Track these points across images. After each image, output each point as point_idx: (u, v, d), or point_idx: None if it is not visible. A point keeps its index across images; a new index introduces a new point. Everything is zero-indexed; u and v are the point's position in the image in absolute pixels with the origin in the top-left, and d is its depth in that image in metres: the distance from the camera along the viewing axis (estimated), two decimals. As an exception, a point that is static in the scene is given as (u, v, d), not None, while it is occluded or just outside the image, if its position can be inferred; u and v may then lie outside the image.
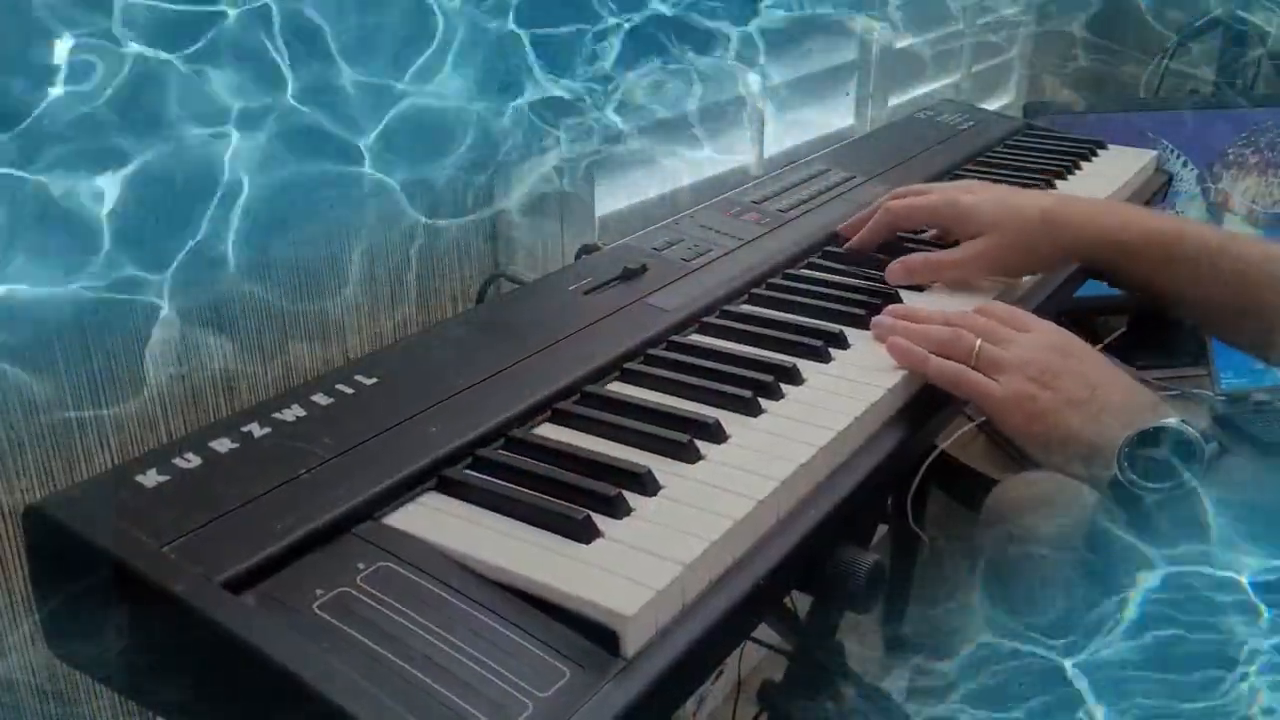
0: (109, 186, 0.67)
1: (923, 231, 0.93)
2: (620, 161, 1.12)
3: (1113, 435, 0.66)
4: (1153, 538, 0.63)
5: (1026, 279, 0.88)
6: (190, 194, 0.72)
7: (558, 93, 0.94)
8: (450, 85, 0.87)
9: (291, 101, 0.75)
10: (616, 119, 1.02)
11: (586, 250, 0.89)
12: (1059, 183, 1.11)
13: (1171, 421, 0.65)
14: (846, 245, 0.91)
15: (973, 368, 0.71)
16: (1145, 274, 0.84)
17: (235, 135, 0.72)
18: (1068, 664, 0.59)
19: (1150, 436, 0.65)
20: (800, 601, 1.13)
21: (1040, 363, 0.70)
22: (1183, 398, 1.42)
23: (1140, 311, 1.58)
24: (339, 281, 0.87)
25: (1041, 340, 0.72)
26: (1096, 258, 0.85)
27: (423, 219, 0.93)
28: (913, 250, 0.88)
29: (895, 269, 0.85)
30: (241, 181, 0.74)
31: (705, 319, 0.77)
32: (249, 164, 0.74)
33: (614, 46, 0.97)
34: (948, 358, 0.72)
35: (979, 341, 0.72)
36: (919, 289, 0.86)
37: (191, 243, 0.73)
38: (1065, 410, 0.68)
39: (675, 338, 0.74)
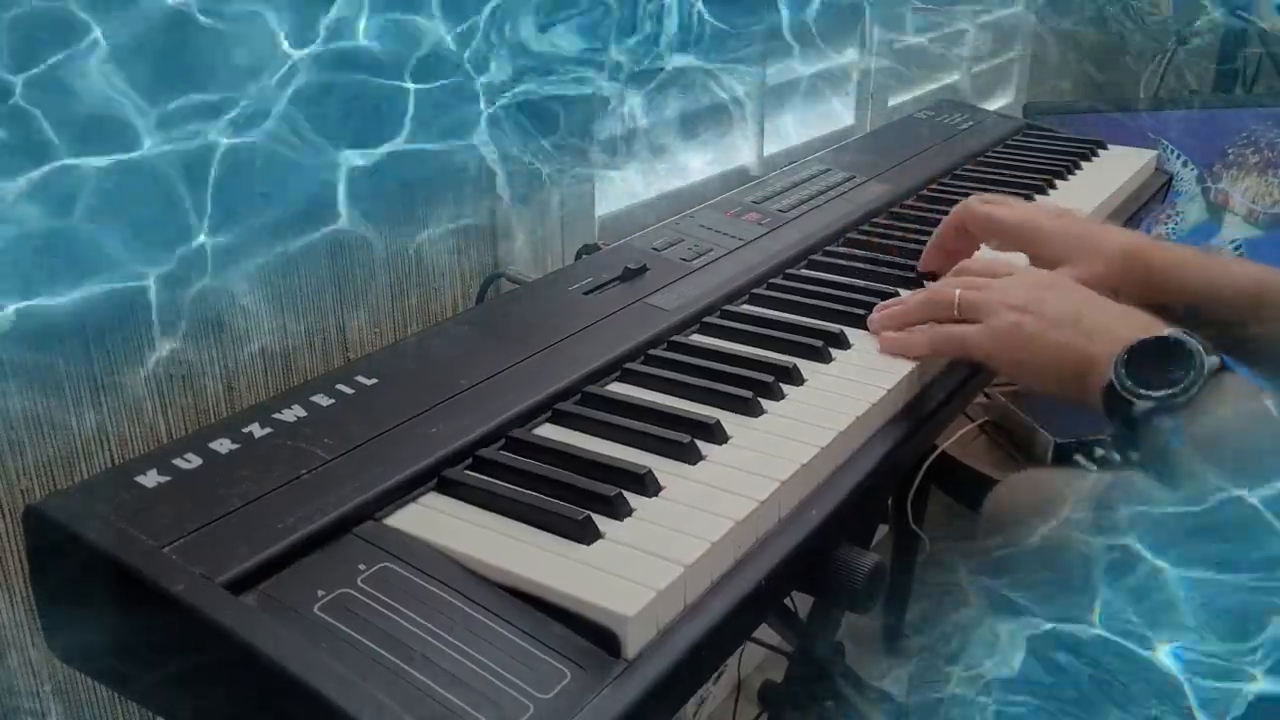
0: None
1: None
2: (620, 162, 1.12)
3: (1105, 349, 0.65)
4: (1146, 457, 0.61)
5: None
6: (185, 191, 0.72)
7: (558, 91, 0.94)
8: (450, 84, 0.87)
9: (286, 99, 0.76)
10: (617, 119, 1.02)
11: (586, 250, 0.89)
12: (1059, 182, 1.11)
13: (1172, 331, 0.63)
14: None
15: (958, 319, 0.71)
16: (1230, 324, 0.79)
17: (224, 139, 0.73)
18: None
19: (1149, 346, 0.63)
20: (800, 601, 1.13)
21: (1023, 294, 0.70)
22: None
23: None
24: (339, 281, 0.87)
25: (1022, 278, 0.72)
26: (1178, 304, 0.80)
27: (423, 218, 0.93)
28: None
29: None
30: (236, 181, 0.74)
31: (705, 319, 0.77)
32: (243, 163, 0.74)
33: (613, 46, 0.97)
34: (932, 315, 0.72)
35: (957, 291, 0.71)
36: (921, 287, 0.85)
37: (189, 243, 0.73)
38: (1053, 331, 0.68)
39: (675, 338, 0.74)
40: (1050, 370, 0.68)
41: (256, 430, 0.58)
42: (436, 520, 0.54)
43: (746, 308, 0.81)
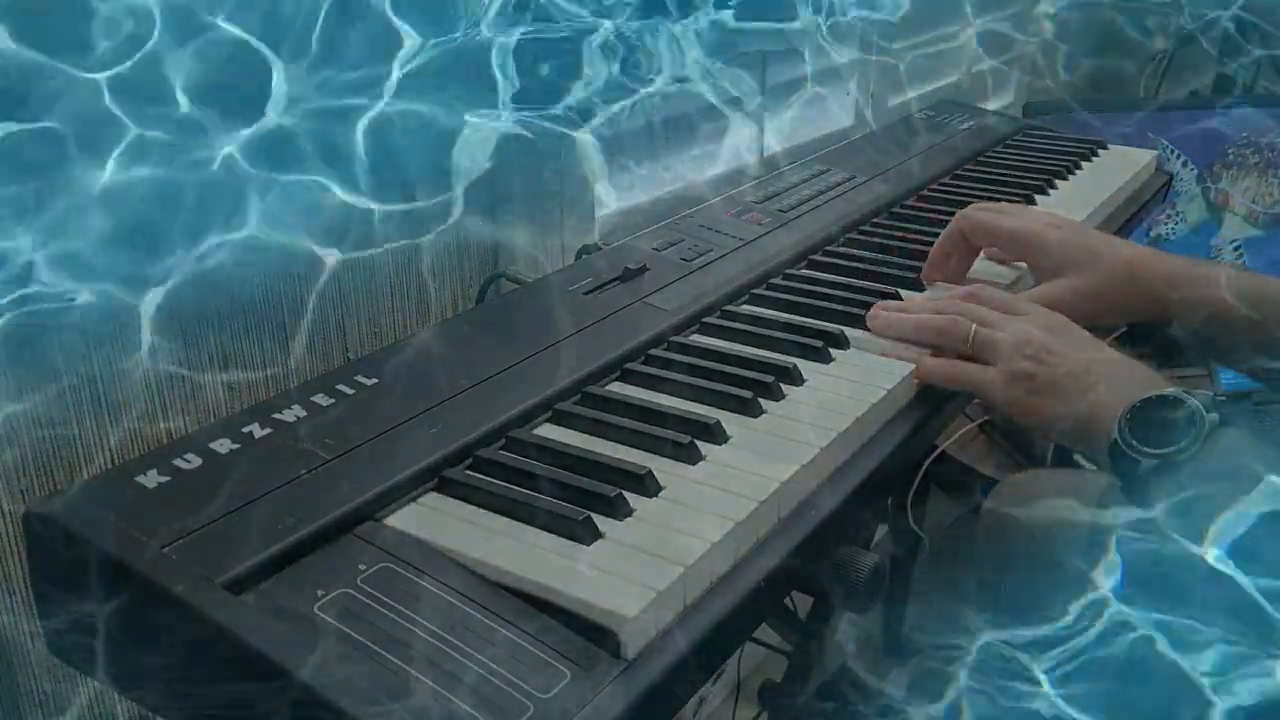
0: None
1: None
2: (621, 161, 1.12)
3: (1112, 405, 0.66)
4: (1148, 507, 0.63)
5: (1025, 278, 0.88)
6: (185, 194, 0.72)
7: (557, 91, 0.94)
8: (450, 83, 0.86)
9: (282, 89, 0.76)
10: (617, 119, 1.02)
11: (586, 250, 0.89)
12: (1059, 182, 1.11)
13: (1173, 390, 0.65)
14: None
15: (969, 352, 0.72)
16: (1232, 335, 0.81)
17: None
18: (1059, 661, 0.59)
19: (1152, 404, 0.65)
20: (800, 601, 1.13)
21: (1036, 341, 0.71)
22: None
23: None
24: (339, 281, 0.87)
25: (1036, 321, 0.73)
26: (1183, 317, 0.82)
27: (423, 218, 0.93)
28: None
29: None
30: (238, 183, 0.74)
31: (705, 319, 0.77)
32: (245, 167, 0.74)
33: (615, 46, 0.97)
34: (944, 344, 0.73)
35: (974, 326, 0.72)
36: (920, 288, 0.85)
37: (190, 242, 0.73)
38: (1064, 383, 0.69)
39: (675, 338, 0.74)
40: (1057, 421, 0.70)
41: (256, 430, 0.58)
42: (436, 520, 0.54)
43: (746, 308, 0.81)
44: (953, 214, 0.87)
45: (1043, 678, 0.59)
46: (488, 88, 0.89)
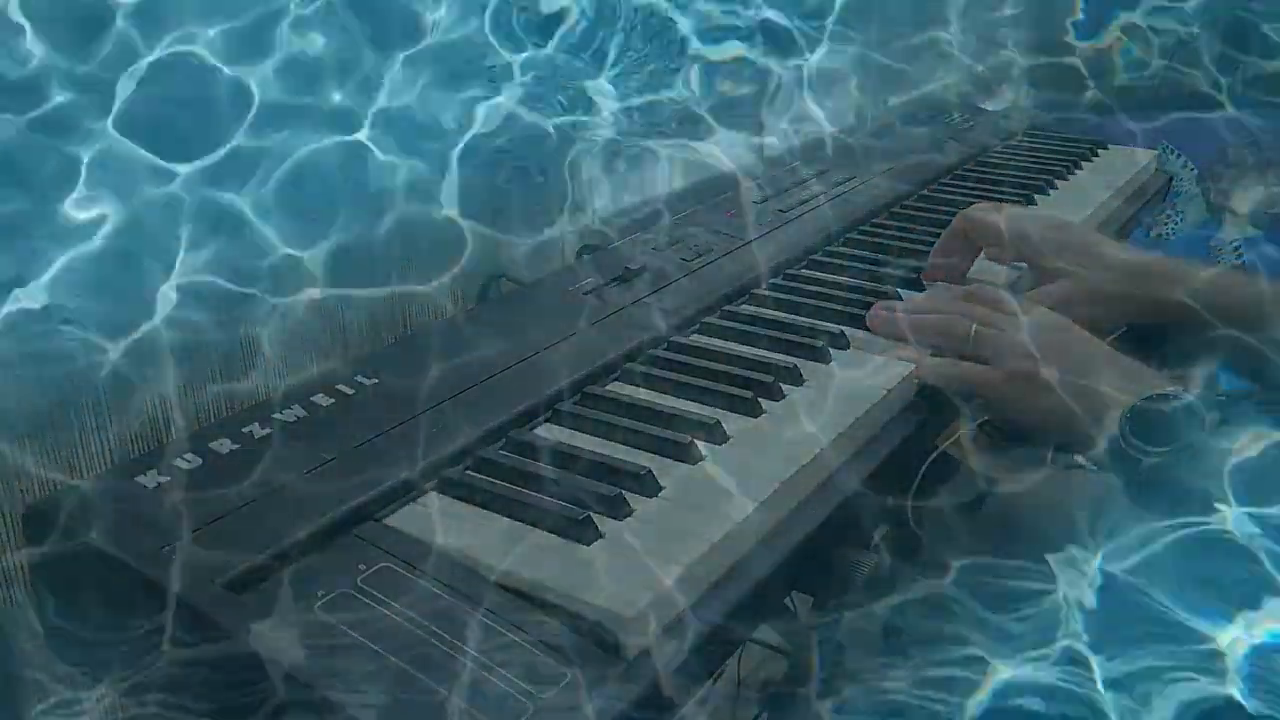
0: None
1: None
2: (620, 161, 1.12)
3: (1112, 405, 0.67)
4: (1151, 504, 0.63)
5: (1025, 278, 0.88)
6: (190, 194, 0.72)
7: (562, 90, 0.94)
8: (452, 80, 0.87)
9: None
10: (617, 117, 1.02)
11: (586, 250, 0.89)
12: (1059, 182, 1.11)
13: (1173, 390, 0.65)
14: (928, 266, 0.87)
15: (969, 352, 0.72)
16: (1230, 337, 0.81)
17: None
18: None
19: (1152, 404, 0.66)
20: (800, 601, 1.13)
21: (1038, 340, 0.71)
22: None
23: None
24: (338, 282, 0.87)
25: (1036, 321, 0.74)
26: (1177, 317, 0.82)
27: (423, 217, 0.92)
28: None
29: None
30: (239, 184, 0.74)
31: (705, 319, 0.77)
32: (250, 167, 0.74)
33: (616, 45, 0.97)
34: (944, 344, 0.73)
35: (974, 326, 0.73)
36: (920, 288, 0.85)
37: (191, 243, 0.73)
38: (1065, 383, 0.69)
39: (675, 338, 0.74)
40: (1057, 421, 0.70)
41: (256, 430, 0.58)
42: (436, 520, 0.54)
43: (746, 308, 0.81)
44: (953, 214, 0.87)
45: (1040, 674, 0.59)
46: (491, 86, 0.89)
